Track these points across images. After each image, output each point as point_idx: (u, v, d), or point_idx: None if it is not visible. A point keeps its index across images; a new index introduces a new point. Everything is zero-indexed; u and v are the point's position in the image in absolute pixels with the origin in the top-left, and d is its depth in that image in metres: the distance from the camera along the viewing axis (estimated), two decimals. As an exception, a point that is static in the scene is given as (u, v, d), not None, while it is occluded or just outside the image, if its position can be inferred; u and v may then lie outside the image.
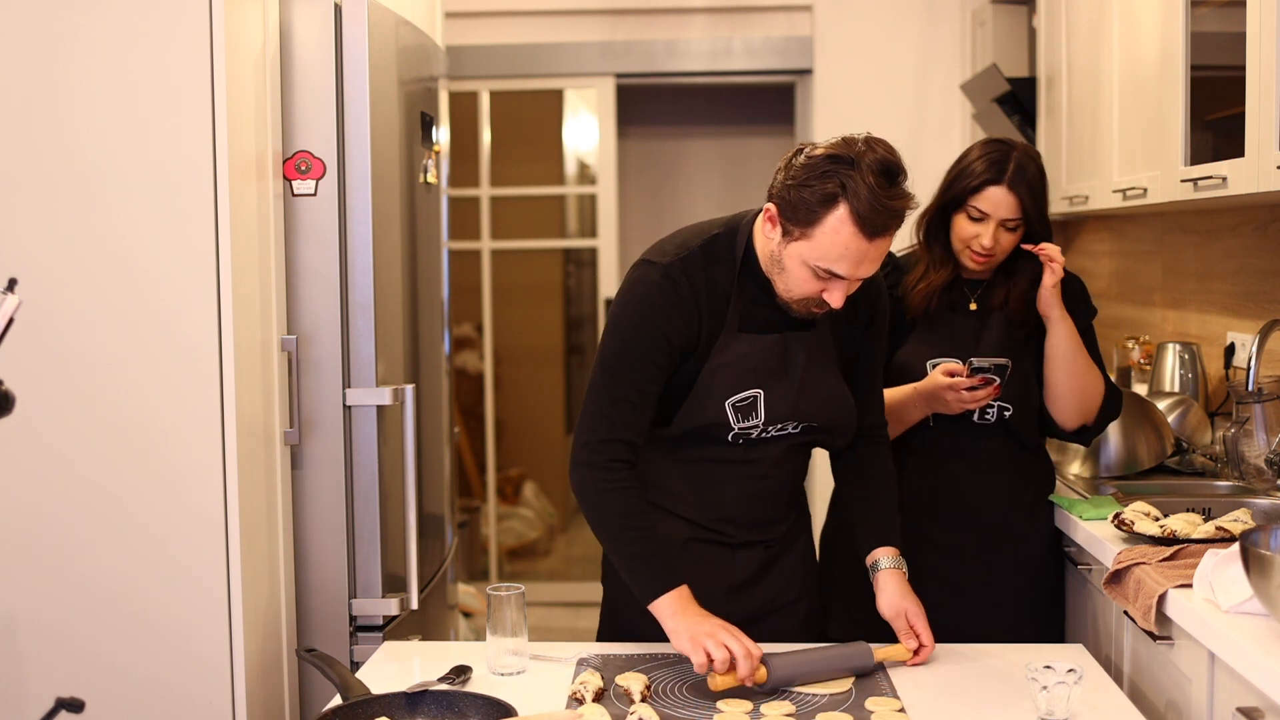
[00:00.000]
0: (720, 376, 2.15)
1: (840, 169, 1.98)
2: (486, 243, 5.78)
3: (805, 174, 2.01)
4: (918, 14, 5.01)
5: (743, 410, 2.16)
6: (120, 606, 2.40)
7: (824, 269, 2.02)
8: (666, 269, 2.13)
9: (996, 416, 2.55)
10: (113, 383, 2.39)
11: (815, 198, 1.99)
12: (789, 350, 2.18)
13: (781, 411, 2.18)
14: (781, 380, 2.17)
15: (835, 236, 1.99)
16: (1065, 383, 2.54)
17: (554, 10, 5.31)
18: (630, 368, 2.13)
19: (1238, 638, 1.81)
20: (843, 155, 1.99)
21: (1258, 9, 2.36)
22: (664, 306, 2.12)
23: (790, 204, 2.02)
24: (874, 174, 1.96)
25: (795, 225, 2.02)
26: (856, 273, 2.03)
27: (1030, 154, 2.52)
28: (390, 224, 2.73)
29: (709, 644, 1.96)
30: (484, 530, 5.94)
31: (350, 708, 1.84)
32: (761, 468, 2.24)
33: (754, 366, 2.16)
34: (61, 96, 2.36)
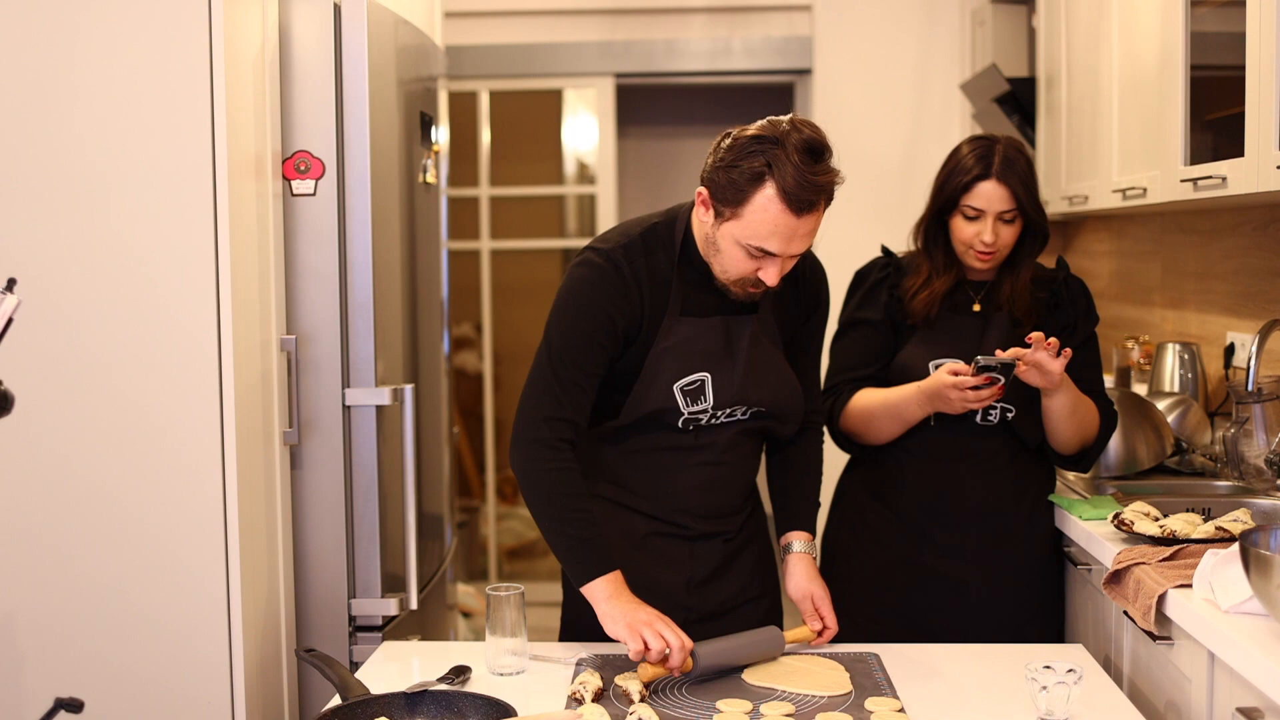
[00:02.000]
0: (666, 361, 2.19)
1: (766, 148, 2.02)
2: (486, 243, 5.78)
3: (732, 155, 2.06)
4: (917, 14, 5.01)
5: (691, 394, 2.20)
6: (120, 606, 2.40)
7: (756, 247, 2.07)
8: (609, 254, 2.19)
9: (999, 417, 2.55)
10: (112, 383, 2.39)
11: (743, 177, 2.03)
12: (731, 333, 2.22)
13: (729, 394, 2.22)
14: (726, 362, 2.21)
15: (764, 214, 2.03)
16: (1066, 430, 2.54)
17: (553, 10, 5.31)
18: (575, 349, 2.17)
19: (1237, 638, 1.81)
20: (768, 135, 2.04)
21: (1258, 9, 2.36)
22: (607, 290, 2.17)
23: (719, 185, 2.07)
24: (799, 152, 2.01)
25: (726, 205, 2.07)
26: (788, 249, 2.07)
27: (1015, 145, 2.52)
28: (390, 224, 2.73)
29: (646, 633, 2.00)
30: (483, 530, 5.94)
31: (350, 708, 1.84)
32: (713, 453, 2.26)
33: (699, 350, 2.20)
34: (61, 96, 2.36)
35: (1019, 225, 2.52)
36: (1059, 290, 2.61)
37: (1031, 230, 2.54)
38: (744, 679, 2.04)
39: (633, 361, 2.20)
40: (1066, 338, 2.56)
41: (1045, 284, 2.61)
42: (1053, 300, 2.59)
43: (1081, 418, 2.53)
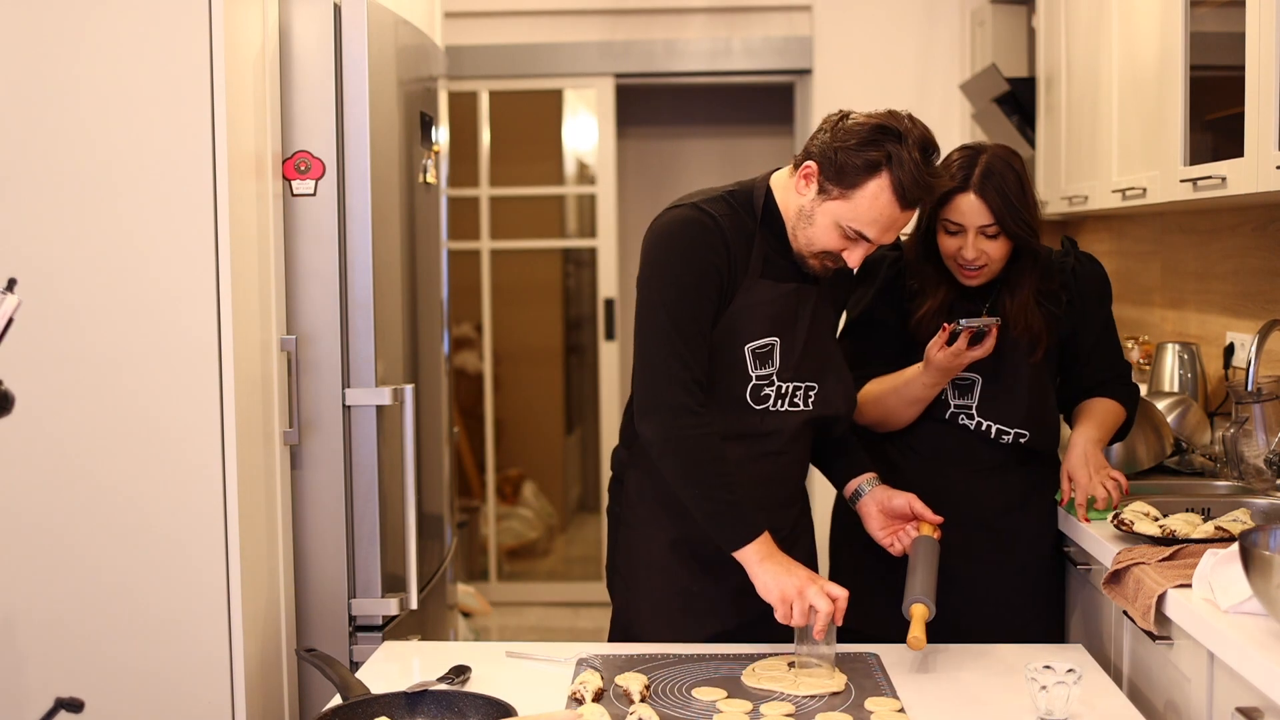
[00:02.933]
0: (743, 320, 2.21)
1: (887, 140, 2.10)
2: (486, 243, 5.78)
3: (852, 138, 2.11)
4: (917, 14, 5.01)
5: (761, 357, 2.22)
6: (120, 606, 2.40)
7: (854, 230, 2.14)
8: (698, 206, 2.20)
9: (1013, 440, 2.52)
10: (112, 382, 2.39)
11: (860, 162, 2.10)
12: (800, 301, 2.26)
13: (792, 361, 2.24)
14: (792, 331, 2.25)
15: (874, 202, 2.11)
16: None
17: (553, 10, 5.31)
18: (689, 302, 2.16)
19: (1237, 638, 1.81)
20: (890, 127, 2.11)
21: (1257, 9, 2.36)
22: (708, 239, 2.17)
23: (834, 164, 2.13)
24: (918, 149, 2.10)
25: (835, 185, 2.13)
26: (883, 238, 2.16)
27: (1001, 154, 2.41)
28: (390, 224, 2.73)
29: (796, 605, 2.06)
30: (483, 530, 5.94)
31: (350, 708, 1.84)
32: (779, 441, 2.27)
33: (772, 314, 2.23)
34: (61, 96, 2.36)
35: (1007, 241, 2.41)
36: (1070, 285, 2.56)
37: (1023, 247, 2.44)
38: (744, 680, 2.05)
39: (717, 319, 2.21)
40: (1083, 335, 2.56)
41: (1054, 275, 2.54)
42: (1066, 297, 2.54)
43: (1111, 429, 2.58)
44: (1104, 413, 2.57)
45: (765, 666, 2.09)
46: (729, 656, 2.16)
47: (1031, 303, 2.48)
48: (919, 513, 2.29)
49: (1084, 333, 2.58)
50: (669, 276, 2.17)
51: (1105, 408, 2.58)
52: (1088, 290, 2.58)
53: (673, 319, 2.15)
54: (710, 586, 2.29)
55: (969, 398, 2.51)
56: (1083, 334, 2.58)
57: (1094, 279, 2.59)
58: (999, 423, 2.51)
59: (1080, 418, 2.58)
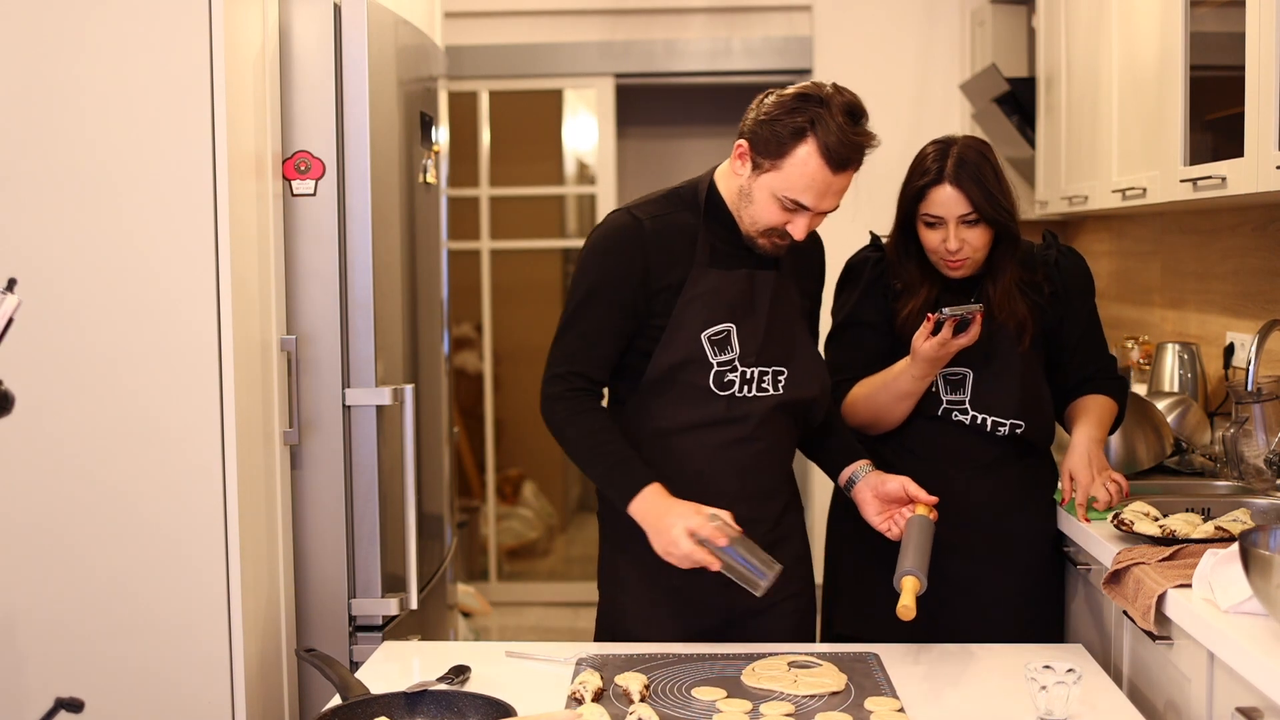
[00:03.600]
0: (693, 309, 2.24)
1: (810, 106, 2.15)
2: (486, 243, 5.78)
3: (776, 110, 2.18)
4: (917, 14, 5.01)
5: (718, 343, 2.25)
6: (120, 606, 2.40)
7: (791, 199, 2.17)
8: (629, 209, 2.29)
9: (1009, 432, 2.52)
10: (112, 382, 2.39)
11: (786, 131, 2.15)
12: (755, 287, 2.28)
13: (754, 345, 2.27)
14: (751, 316, 2.27)
15: (804, 168, 2.14)
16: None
17: (553, 10, 5.31)
18: (589, 304, 2.26)
19: (1237, 637, 1.81)
20: (812, 94, 2.17)
21: (1257, 9, 2.36)
22: (627, 246, 2.25)
23: (761, 138, 2.18)
24: (841, 112, 2.14)
25: (765, 158, 2.18)
26: (820, 205, 2.18)
27: (972, 144, 2.44)
28: (390, 224, 2.73)
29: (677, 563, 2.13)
30: (483, 530, 5.94)
31: (350, 708, 1.84)
32: (748, 427, 2.28)
33: (725, 300, 2.25)
34: (61, 96, 2.36)
35: (987, 229, 2.43)
36: (1054, 276, 2.56)
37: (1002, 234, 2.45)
38: (743, 680, 2.04)
39: (662, 313, 2.25)
40: (1068, 328, 2.56)
41: (1037, 266, 2.54)
42: (1049, 288, 2.54)
43: (1108, 426, 2.59)
44: (1100, 410, 2.58)
45: (765, 666, 2.09)
46: (729, 656, 2.16)
47: (1015, 289, 2.50)
48: (913, 494, 2.29)
49: (1070, 324, 2.58)
50: (580, 279, 2.29)
51: (1100, 405, 2.58)
52: (1071, 281, 2.58)
53: (572, 318, 2.28)
54: (697, 583, 2.27)
55: (961, 392, 2.51)
56: (1069, 325, 2.58)
57: (1076, 270, 2.59)
58: (994, 414, 2.51)
59: (1078, 417, 2.58)
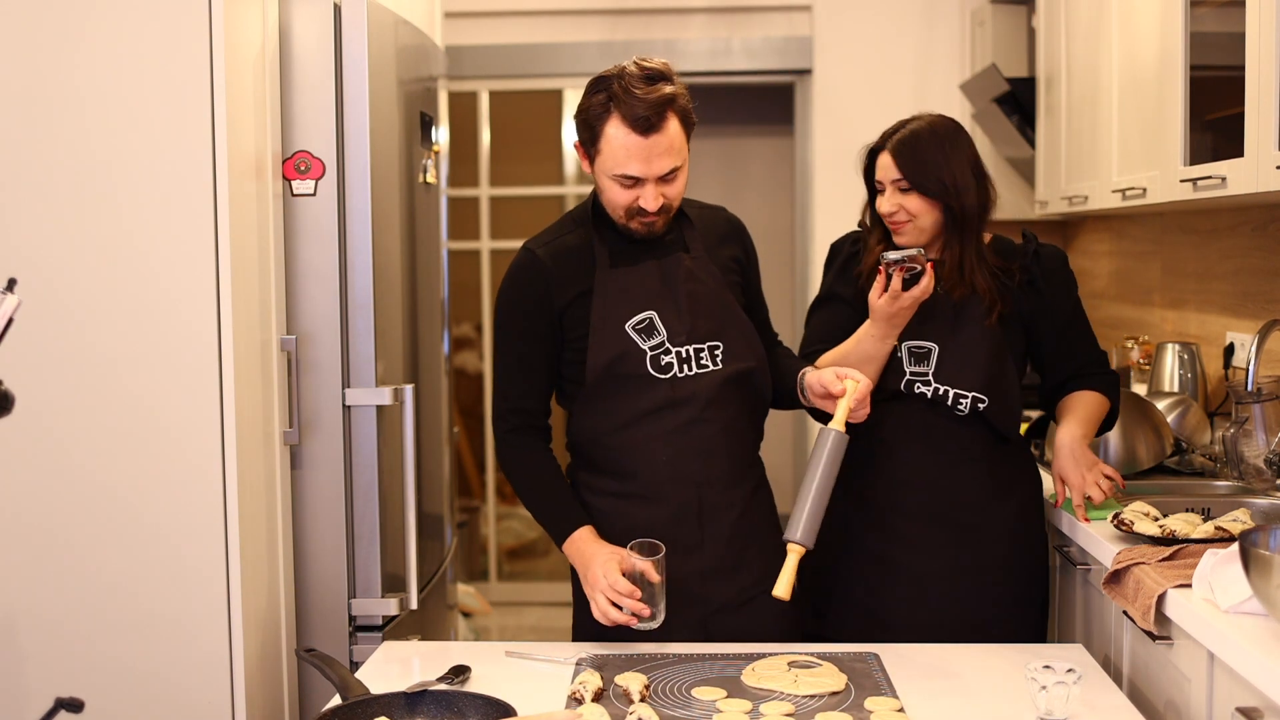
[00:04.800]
0: (609, 307, 2.30)
1: (607, 83, 2.23)
2: (486, 243, 5.78)
3: (583, 100, 2.28)
4: (917, 14, 5.01)
5: (643, 330, 2.30)
6: (120, 606, 2.40)
7: (622, 175, 2.23)
8: (526, 246, 2.39)
9: (970, 408, 2.47)
10: (113, 382, 2.39)
11: (592, 115, 2.24)
12: (666, 272, 2.33)
13: (680, 326, 2.31)
14: (669, 300, 2.32)
15: (615, 142, 2.21)
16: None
17: (554, 10, 5.31)
18: (508, 341, 2.36)
19: (1237, 638, 1.81)
20: (608, 74, 2.25)
21: (1257, 9, 2.36)
22: (523, 279, 2.35)
23: (580, 131, 2.28)
24: (635, 79, 2.20)
25: (589, 146, 2.27)
26: (649, 170, 2.22)
27: (931, 120, 2.48)
28: (390, 224, 2.73)
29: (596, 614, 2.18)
30: (483, 530, 5.95)
31: (349, 708, 1.84)
32: (696, 407, 2.30)
33: (638, 292, 2.32)
34: (62, 97, 2.36)
35: (924, 199, 2.44)
36: (1031, 267, 2.53)
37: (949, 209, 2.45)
38: (743, 680, 2.05)
39: (579, 325, 2.31)
40: (1049, 320, 2.53)
41: (1014, 257, 2.53)
42: (1025, 278, 2.52)
43: (1095, 421, 2.57)
44: (1085, 405, 2.56)
45: (765, 666, 2.09)
46: (729, 656, 2.16)
47: (975, 262, 2.48)
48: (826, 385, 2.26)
49: (1052, 317, 2.54)
50: (499, 322, 2.38)
51: (1086, 400, 2.56)
52: (1051, 273, 2.54)
53: (498, 360, 2.38)
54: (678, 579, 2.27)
55: (926, 364, 2.49)
56: (1051, 318, 2.54)
57: (1054, 261, 2.56)
58: (956, 386, 2.47)
59: (1063, 415, 2.57)
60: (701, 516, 2.31)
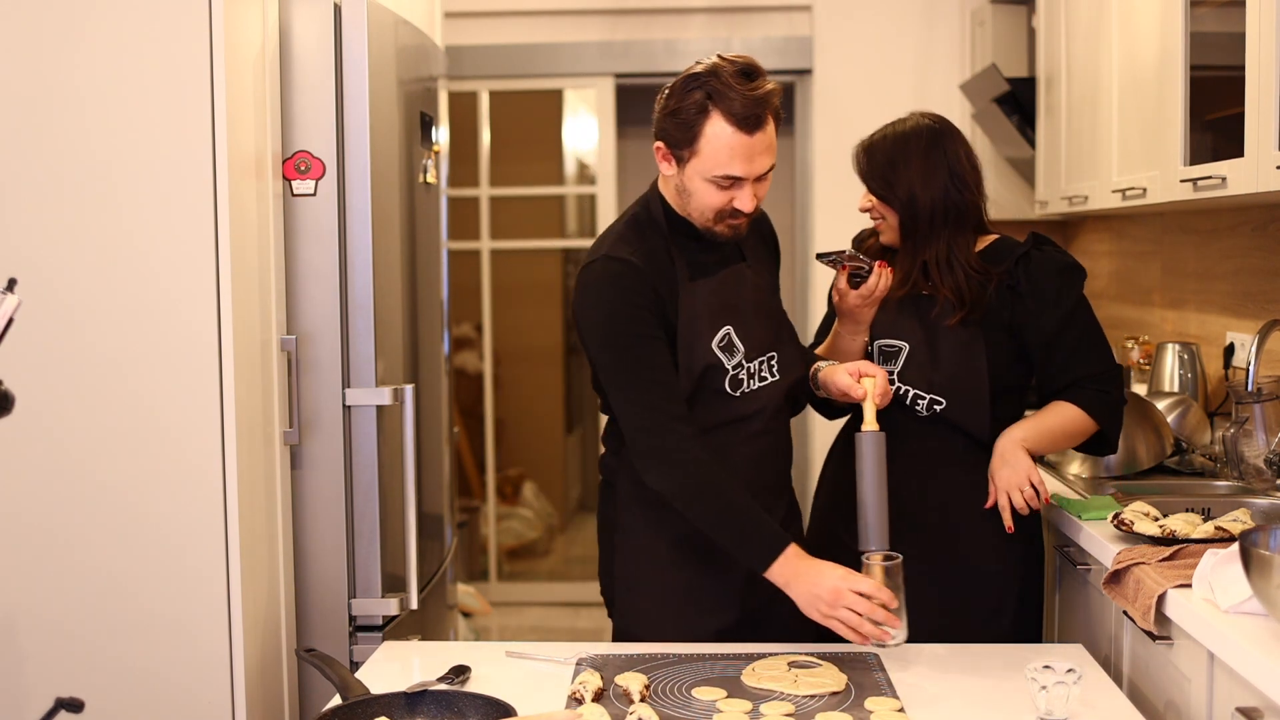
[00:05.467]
0: (695, 326, 2.24)
1: (703, 81, 2.13)
2: (486, 243, 5.78)
3: (674, 99, 2.16)
4: (917, 14, 5.01)
5: (725, 349, 2.26)
6: (120, 606, 2.40)
7: (722, 176, 2.15)
8: (608, 255, 2.23)
9: (928, 408, 2.45)
10: (112, 382, 2.39)
11: (689, 114, 2.13)
12: (736, 285, 2.30)
13: (755, 340, 2.29)
14: (740, 312, 2.29)
15: (718, 141, 2.13)
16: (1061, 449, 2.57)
17: (553, 10, 5.31)
18: (636, 352, 2.19)
19: (1237, 638, 1.81)
20: (702, 71, 2.15)
21: (1257, 9, 2.36)
22: (630, 285, 2.20)
23: (670, 131, 2.18)
24: (734, 76, 2.12)
25: (682, 148, 2.17)
26: (751, 170, 2.15)
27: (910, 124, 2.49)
28: (390, 224, 2.73)
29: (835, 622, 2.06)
30: (483, 530, 5.94)
31: (350, 708, 1.84)
32: (762, 420, 2.30)
33: (716, 306, 2.26)
34: (62, 96, 2.36)
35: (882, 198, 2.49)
36: (1014, 272, 2.45)
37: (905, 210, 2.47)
38: (743, 680, 2.04)
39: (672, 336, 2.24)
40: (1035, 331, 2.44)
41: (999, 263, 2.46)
42: (1008, 282, 2.45)
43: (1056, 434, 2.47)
44: (1050, 415, 2.46)
45: (765, 666, 2.09)
46: (729, 656, 2.16)
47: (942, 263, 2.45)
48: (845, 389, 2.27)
49: (1041, 322, 2.44)
50: (608, 336, 2.21)
51: (1056, 411, 2.46)
52: (1041, 277, 2.44)
53: (629, 374, 2.20)
54: (714, 581, 2.30)
55: (894, 363, 2.49)
56: (1040, 324, 2.44)
57: (1053, 267, 2.46)
58: (915, 387, 2.46)
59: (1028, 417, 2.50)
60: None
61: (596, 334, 2.23)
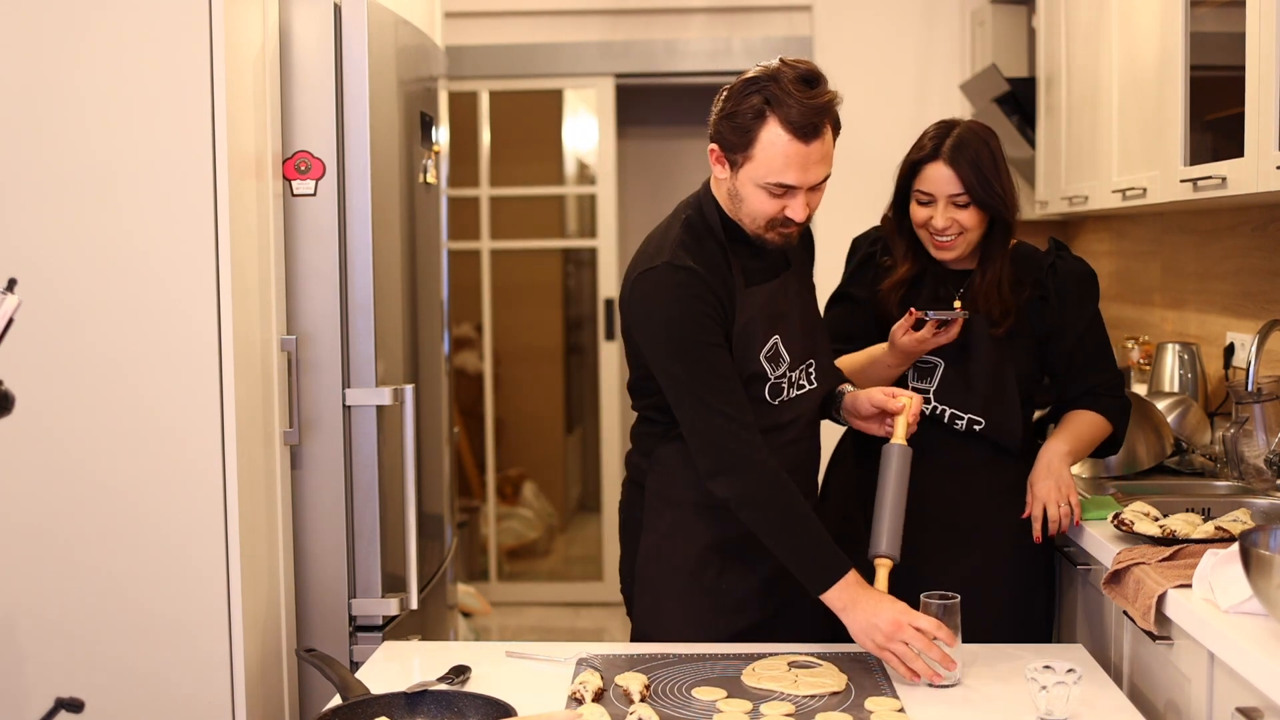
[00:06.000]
0: (750, 330, 2.21)
1: (763, 86, 2.09)
2: (486, 243, 5.78)
3: (732, 103, 2.12)
4: (917, 14, 5.01)
5: (771, 359, 2.24)
6: (120, 606, 2.40)
7: (775, 184, 2.12)
8: (670, 263, 2.18)
9: (966, 428, 2.47)
10: (113, 383, 2.39)
11: (746, 118, 2.09)
12: (784, 293, 2.27)
13: (798, 349, 2.26)
14: (786, 322, 2.26)
15: (774, 148, 2.09)
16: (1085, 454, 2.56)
17: (553, 10, 5.31)
18: (707, 360, 2.16)
19: (1237, 638, 1.81)
20: (762, 75, 2.10)
21: (1257, 9, 2.36)
22: (694, 294, 2.16)
23: (725, 135, 2.13)
24: (794, 82, 2.07)
25: (737, 152, 2.13)
26: (805, 179, 2.11)
27: (973, 129, 2.42)
28: (390, 224, 2.73)
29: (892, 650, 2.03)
30: (483, 530, 5.94)
31: (350, 708, 1.84)
32: (798, 428, 2.29)
33: (769, 314, 2.23)
34: (62, 97, 2.36)
35: (979, 212, 2.41)
36: (1045, 282, 2.51)
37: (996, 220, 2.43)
38: (743, 680, 2.04)
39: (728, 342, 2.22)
40: (1060, 339, 2.50)
41: (1030, 272, 2.50)
42: (1039, 294, 2.50)
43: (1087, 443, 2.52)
44: (1082, 425, 2.52)
45: (765, 666, 2.09)
46: (729, 656, 2.16)
47: (1004, 284, 2.45)
48: (881, 405, 2.25)
49: (1066, 331, 2.50)
50: (678, 346, 2.16)
51: (1084, 420, 2.52)
52: (1068, 286, 2.50)
53: (702, 383, 2.15)
54: (739, 583, 2.30)
55: (929, 381, 2.48)
56: (1065, 333, 2.50)
57: (1075, 276, 2.52)
58: (954, 407, 2.47)
59: (1057, 429, 2.54)
60: None
61: (662, 343, 2.18)
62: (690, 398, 2.17)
